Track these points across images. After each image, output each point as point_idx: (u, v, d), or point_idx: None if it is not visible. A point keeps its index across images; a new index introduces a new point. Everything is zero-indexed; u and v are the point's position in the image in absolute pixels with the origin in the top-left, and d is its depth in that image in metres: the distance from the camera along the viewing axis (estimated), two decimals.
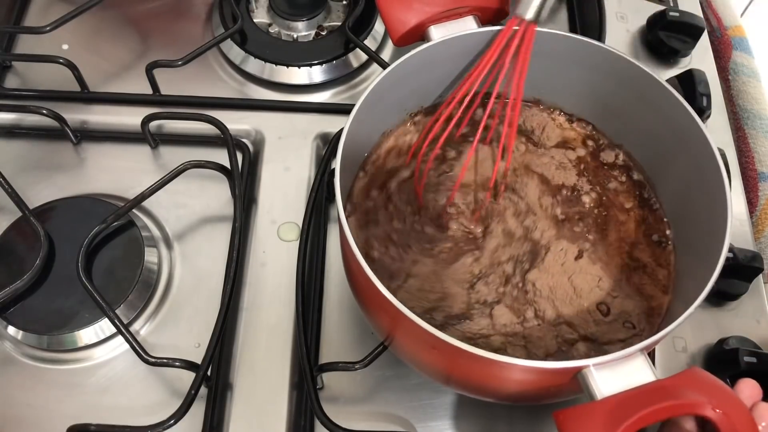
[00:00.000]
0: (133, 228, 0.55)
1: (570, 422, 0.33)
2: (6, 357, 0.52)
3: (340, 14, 0.69)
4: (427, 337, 0.35)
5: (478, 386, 0.41)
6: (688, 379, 0.34)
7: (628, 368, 0.35)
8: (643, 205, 0.48)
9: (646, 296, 0.45)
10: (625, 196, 0.49)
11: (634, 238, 0.47)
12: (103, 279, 0.53)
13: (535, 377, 0.36)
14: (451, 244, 0.47)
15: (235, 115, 0.62)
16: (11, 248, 0.54)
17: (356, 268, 0.37)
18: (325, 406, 0.48)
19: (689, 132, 0.43)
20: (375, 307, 0.41)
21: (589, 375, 0.34)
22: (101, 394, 0.51)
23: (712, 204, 0.40)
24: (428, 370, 0.44)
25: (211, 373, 0.50)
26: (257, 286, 0.54)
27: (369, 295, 0.39)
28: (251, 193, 0.59)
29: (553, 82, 0.50)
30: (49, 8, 0.69)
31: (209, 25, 0.69)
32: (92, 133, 0.62)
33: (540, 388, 0.38)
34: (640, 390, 0.34)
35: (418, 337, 0.36)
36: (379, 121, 0.49)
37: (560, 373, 0.35)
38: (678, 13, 0.66)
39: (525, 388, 0.39)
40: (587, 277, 0.45)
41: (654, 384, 0.34)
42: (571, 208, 0.48)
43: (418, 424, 0.51)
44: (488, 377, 0.38)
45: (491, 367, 0.35)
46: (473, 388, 0.42)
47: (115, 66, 0.66)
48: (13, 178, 0.56)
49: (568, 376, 0.35)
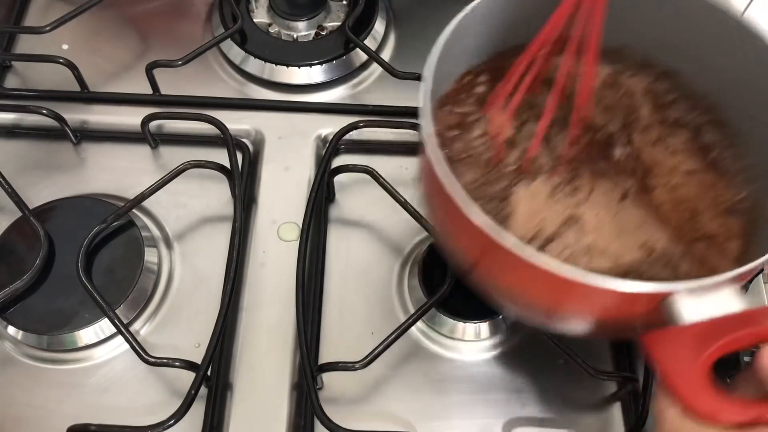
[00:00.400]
0: (133, 228, 0.55)
1: (658, 344, 0.34)
2: (6, 357, 0.52)
3: (340, 14, 0.69)
4: (511, 259, 0.34)
5: (558, 311, 0.41)
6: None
7: (717, 296, 0.34)
8: (713, 168, 0.47)
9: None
10: (694, 155, 0.47)
11: (704, 202, 0.46)
12: (103, 279, 0.53)
13: (620, 301, 0.36)
14: (524, 192, 0.46)
15: (235, 115, 0.62)
16: (11, 248, 0.54)
17: (442, 191, 0.36)
18: (325, 406, 0.48)
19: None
20: (459, 229, 0.40)
21: (678, 300, 0.34)
22: (101, 394, 0.51)
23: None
24: (508, 295, 0.43)
25: (211, 373, 0.50)
26: (257, 286, 0.54)
27: (453, 217, 0.38)
28: (251, 193, 0.59)
29: (636, 26, 0.48)
30: (49, 8, 0.69)
31: (209, 25, 0.69)
32: (92, 133, 0.62)
33: (622, 316, 0.38)
34: (729, 317, 0.34)
35: (504, 260, 0.36)
36: (461, 58, 0.47)
37: (648, 297, 0.34)
38: None
39: (605, 314, 0.38)
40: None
41: (743, 312, 0.34)
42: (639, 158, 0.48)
43: (418, 424, 0.51)
44: (570, 300, 0.38)
45: (575, 289, 0.35)
46: (553, 313, 0.42)
47: (115, 66, 0.66)
48: (13, 178, 0.56)
49: (655, 300, 0.35)
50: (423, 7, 0.71)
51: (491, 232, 0.35)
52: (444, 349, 0.54)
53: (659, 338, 0.34)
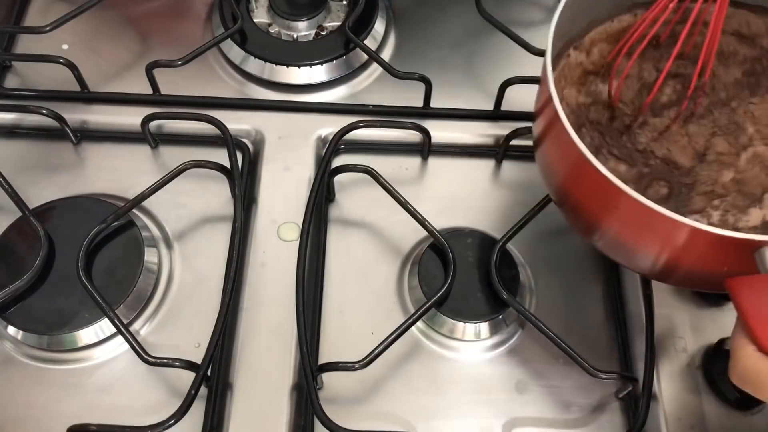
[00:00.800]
0: (133, 228, 0.55)
1: (743, 288, 0.36)
2: (6, 357, 0.52)
3: (340, 14, 0.69)
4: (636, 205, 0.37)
5: (656, 251, 0.42)
6: None
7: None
8: None
9: None
10: None
11: None
12: (103, 279, 0.53)
13: (715, 246, 0.37)
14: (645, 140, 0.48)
15: (235, 115, 0.62)
16: (11, 248, 0.54)
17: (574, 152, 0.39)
18: (325, 406, 0.48)
19: None
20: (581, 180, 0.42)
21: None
22: (101, 394, 0.51)
23: None
24: (612, 234, 0.44)
25: (211, 373, 0.50)
26: (257, 286, 0.54)
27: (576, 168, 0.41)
28: (251, 193, 0.59)
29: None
30: (49, 8, 0.69)
31: (209, 25, 0.69)
32: (92, 133, 0.62)
33: (717, 263, 0.39)
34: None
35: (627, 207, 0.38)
36: (584, 13, 0.48)
37: (743, 244, 0.36)
38: None
39: (698, 259, 0.40)
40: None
41: None
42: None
43: (418, 424, 0.51)
44: (669, 240, 0.40)
45: (675, 229, 0.37)
46: (651, 253, 0.43)
47: (115, 66, 0.66)
48: (13, 178, 0.56)
49: (749, 248, 0.36)
50: (423, 7, 0.71)
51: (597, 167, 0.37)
52: (444, 349, 0.54)
53: (746, 282, 0.36)
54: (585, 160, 0.39)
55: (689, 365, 0.52)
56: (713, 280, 0.40)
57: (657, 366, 0.52)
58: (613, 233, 0.44)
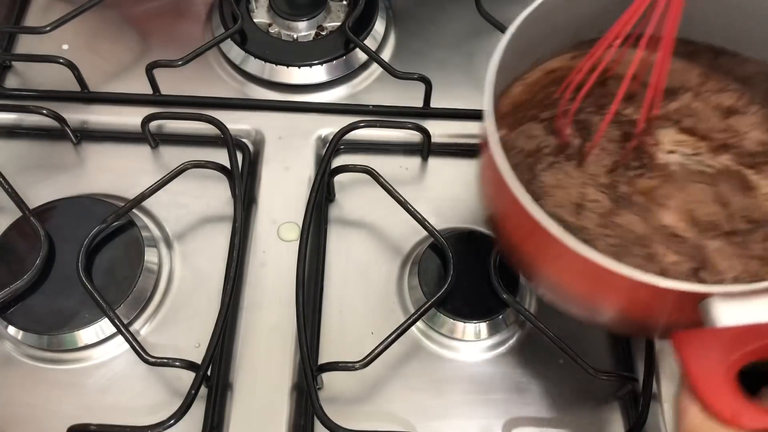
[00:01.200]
0: (133, 228, 0.55)
1: (688, 344, 0.34)
2: (6, 357, 0.52)
3: (340, 14, 0.69)
4: (563, 250, 0.35)
5: (596, 301, 0.41)
6: None
7: (754, 304, 0.34)
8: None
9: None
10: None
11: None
12: (103, 279, 0.53)
13: (657, 298, 0.36)
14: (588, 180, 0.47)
15: (235, 115, 0.62)
16: (11, 248, 0.54)
17: (508, 195, 0.37)
18: (325, 406, 0.48)
19: None
20: (520, 229, 0.41)
21: (714, 303, 0.34)
22: (101, 394, 0.51)
23: None
24: (552, 282, 0.43)
25: (211, 373, 0.50)
26: (257, 286, 0.54)
27: (514, 217, 0.39)
28: (251, 193, 0.59)
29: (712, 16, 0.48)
30: (49, 8, 0.69)
31: (209, 25, 0.69)
32: (92, 133, 0.62)
33: (661, 313, 0.38)
34: (763, 326, 0.33)
35: (566, 259, 0.36)
36: (533, 46, 0.47)
37: (688, 297, 0.34)
38: None
39: (644, 309, 0.39)
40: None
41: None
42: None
43: (418, 424, 0.51)
44: (610, 292, 0.39)
45: (615, 281, 0.35)
46: (590, 302, 0.42)
47: (115, 66, 0.66)
48: (13, 178, 0.56)
49: (693, 301, 0.35)
50: (423, 7, 0.71)
51: (533, 212, 0.35)
52: (444, 349, 0.54)
53: (690, 338, 0.34)
54: (516, 200, 0.37)
55: None
56: (661, 330, 0.40)
57: (657, 366, 0.52)
58: (547, 279, 0.43)
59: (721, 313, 0.34)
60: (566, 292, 0.43)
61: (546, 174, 0.47)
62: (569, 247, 0.35)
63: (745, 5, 0.44)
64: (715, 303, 0.34)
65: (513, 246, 0.44)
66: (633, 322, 0.42)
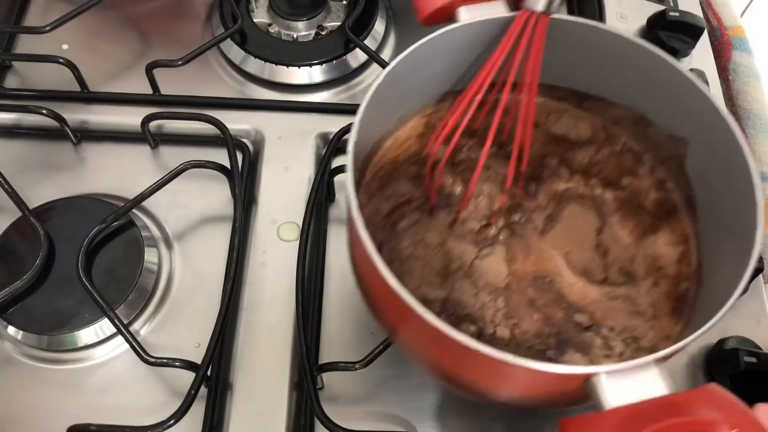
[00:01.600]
0: (133, 228, 0.55)
1: (575, 431, 0.32)
2: (6, 357, 0.52)
3: (340, 14, 0.69)
4: (432, 332, 0.33)
5: (479, 387, 0.41)
6: (703, 396, 0.32)
7: (640, 379, 0.33)
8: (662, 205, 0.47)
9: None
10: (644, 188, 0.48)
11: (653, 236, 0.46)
12: (103, 279, 0.53)
13: (542, 381, 0.35)
14: (459, 244, 0.47)
15: (235, 115, 0.62)
16: (11, 248, 0.54)
17: (366, 261, 0.36)
18: (325, 406, 0.48)
19: (709, 119, 0.41)
20: (381, 297, 0.40)
21: (599, 383, 0.33)
22: (101, 394, 0.51)
23: (739, 199, 0.38)
24: (430, 368, 0.43)
25: (211, 373, 0.50)
26: (257, 286, 0.54)
27: (376, 286, 0.38)
28: (251, 193, 0.59)
29: (568, 70, 0.48)
30: (49, 8, 0.69)
31: (209, 25, 0.69)
32: (92, 133, 0.62)
33: (546, 394, 0.37)
34: (652, 403, 0.32)
35: (423, 332, 0.35)
36: (393, 109, 0.47)
37: (569, 378, 0.34)
38: (678, 13, 0.66)
39: (530, 392, 0.38)
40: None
41: (667, 398, 0.33)
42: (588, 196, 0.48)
43: (418, 424, 0.51)
44: (491, 378, 0.38)
45: (496, 367, 0.34)
46: (475, 389, 0.42)
47: (115, 66, 0.66)
48: (13, 178, 0.56)
49: (576, 382, 0.34)
50: None
51: (410, 302, 0.33)
52: None
53: (577, 424, 0.32)
54: (376, 269, 0.35)
55: (689, 365, 0.52)
56: (552, 406, 0.39)
57: None
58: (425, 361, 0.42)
59: (608, 393, 0.33)
60: (425, 361, 0.42)
61: (412, 231, 0.47)
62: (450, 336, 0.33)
63: (606, 53, 0.44)
64: (600, 383, 0.33)
65: (377, 310, 0.43)
66: (521, 403, 0.40)
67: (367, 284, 0.42)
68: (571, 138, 0.49)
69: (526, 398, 0.39)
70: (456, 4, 0.45)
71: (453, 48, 0.45)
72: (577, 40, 0.44)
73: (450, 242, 0.47)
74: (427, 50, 0.43)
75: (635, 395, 0.33)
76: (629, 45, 0.43)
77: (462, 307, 0.45)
